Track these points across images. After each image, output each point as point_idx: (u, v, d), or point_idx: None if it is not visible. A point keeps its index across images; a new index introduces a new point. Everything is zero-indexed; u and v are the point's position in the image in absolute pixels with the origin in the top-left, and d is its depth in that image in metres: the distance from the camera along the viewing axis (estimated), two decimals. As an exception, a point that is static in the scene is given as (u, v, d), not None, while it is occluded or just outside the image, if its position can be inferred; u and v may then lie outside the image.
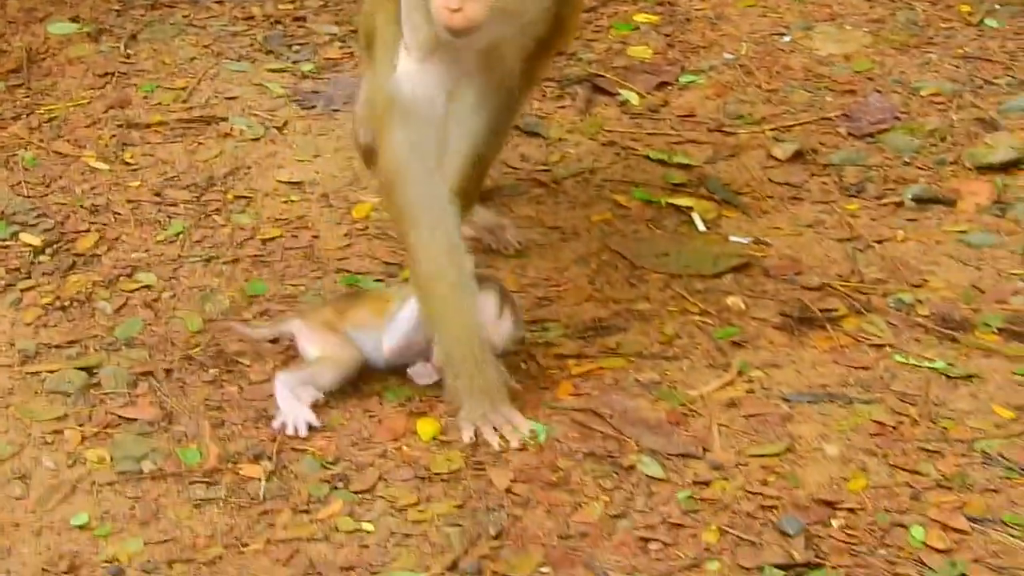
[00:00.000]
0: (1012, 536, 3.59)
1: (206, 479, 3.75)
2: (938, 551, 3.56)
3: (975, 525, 3.62)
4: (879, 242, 4.58)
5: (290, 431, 3.87)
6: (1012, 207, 4.70)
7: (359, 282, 4.40)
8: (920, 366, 4.11)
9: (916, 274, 4.45)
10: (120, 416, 3.94)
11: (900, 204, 4.73)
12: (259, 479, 3.75)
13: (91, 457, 3.82)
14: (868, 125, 5.08)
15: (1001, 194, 4.75)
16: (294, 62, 5.44)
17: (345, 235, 4.60)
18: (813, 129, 5.08)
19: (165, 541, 3.59)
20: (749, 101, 5.23)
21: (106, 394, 4.01)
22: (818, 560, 3.53)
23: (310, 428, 3.87)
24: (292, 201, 4.75)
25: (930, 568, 3.51)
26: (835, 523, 3.63)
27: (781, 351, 4.17)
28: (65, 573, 3.51)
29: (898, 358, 4.14)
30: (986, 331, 4.23)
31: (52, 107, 5.19)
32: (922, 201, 4.74)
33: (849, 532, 3.61)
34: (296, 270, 4.46)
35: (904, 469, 3.79)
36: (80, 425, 3.92)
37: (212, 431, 3.88)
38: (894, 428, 3.91)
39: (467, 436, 3.85)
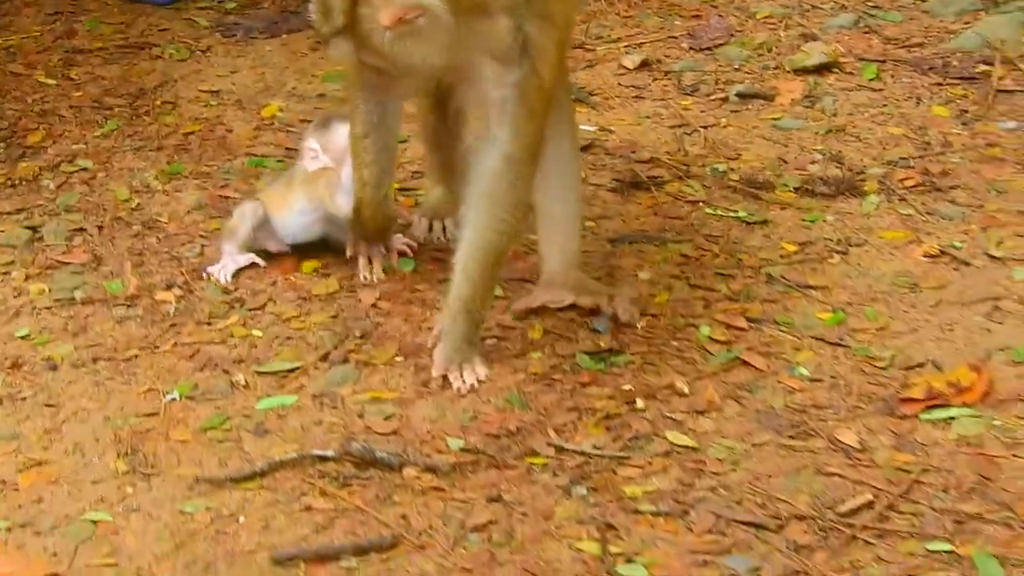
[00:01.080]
0: (781, 332, 4.41)
1: (127, 303, 4.57)
2: (719, 342, 4.37)
3: (752, 324, 4.44)
4: (704, 127, 5.42)
5: (221, 279, 4.65)
6: (820, 100, 5.55)
7: (263, 164, 5.24)
8: (726, 216, 4.95)
9: (732, 150, 5.30)
10: (58, 260, 4.76)
11: (726, 99, 5.59)
12: (170, 302, 4.57)
13: (33, 290, 4.63)
14: (707, 41, 5.95)
15: (812, 90, 5.61)
16: (220, 1, 6.30)
17: (254, 129, 5.44)
18: (660, 45, 5.94)
19: (91, 346, 4.40)
20: (608, 26, 6.09)
21: (47, 245, 4.83)
22: (620, 349, 4.35)
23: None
24: (211, 105, 5.59)
25: (711, 354, 4.32)
26: (639, 325, 4.45)
27: (611, 207, 5.01)
28: (10, 368, 4.31)
29: (708, 210, 4.97)
30: (784, 190, 5.07)
31: (9, 39, 6.04)
32: (745, 96, 5.60)
33: (649, 331, 4.42)
34: (211, 155, 5.30)
35: (701, 287, 4.61)
36: (25, 268, 4.74)
37: (133, 268, 4.70)
38: (697, 259, 4.74)
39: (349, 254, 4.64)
